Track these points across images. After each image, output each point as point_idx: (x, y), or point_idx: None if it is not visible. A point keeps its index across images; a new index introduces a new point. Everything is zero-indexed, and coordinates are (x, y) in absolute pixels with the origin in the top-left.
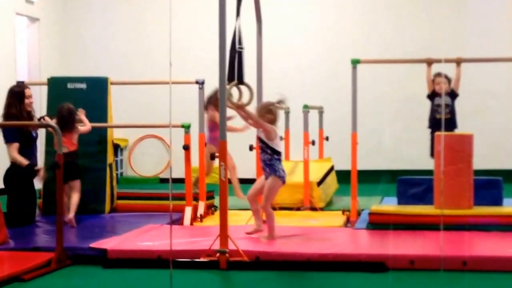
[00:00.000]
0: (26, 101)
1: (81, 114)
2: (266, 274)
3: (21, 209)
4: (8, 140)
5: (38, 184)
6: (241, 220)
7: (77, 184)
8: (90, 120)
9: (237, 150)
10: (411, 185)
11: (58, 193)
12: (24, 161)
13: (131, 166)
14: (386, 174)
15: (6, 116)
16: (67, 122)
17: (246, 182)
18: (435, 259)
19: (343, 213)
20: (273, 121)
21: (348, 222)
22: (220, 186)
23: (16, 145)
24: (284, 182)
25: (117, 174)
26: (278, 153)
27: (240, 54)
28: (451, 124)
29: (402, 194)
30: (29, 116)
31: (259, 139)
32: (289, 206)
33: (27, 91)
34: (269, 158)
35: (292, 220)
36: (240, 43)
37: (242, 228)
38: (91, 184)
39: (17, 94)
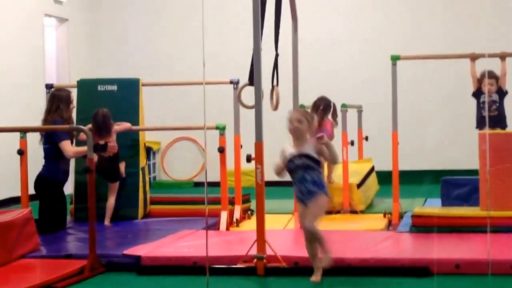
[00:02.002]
0: (72, 105)
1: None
2: (305, 280)
3: (52, 216)
4: (62, 139)
5: (68, 189)
6: (279, 224)
7: (114, 186)
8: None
9: (274, 151)
10: (455, 185)
11: (90, 199)
12: (85, 148)
13: (164, 169)
14: (429, 174)
15: (56, 121)
16: (102, 128)
17: (281, 184)
18: (482, 263)
19: (384, 216)
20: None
21: (390, 225)
22: (257, 189)
23: (69, 142)
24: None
25: (150, 179)
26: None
27: (275, 58)
28: (499, 122)
29: (446, 195)
30: (71, 120)
31: (305, 157)
32: (328, 209)
33: (71, 96)
34: (318, 175)
35: (332, 224)
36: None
37: (280, 232)
38: (124, 189)
39: (65, 98)
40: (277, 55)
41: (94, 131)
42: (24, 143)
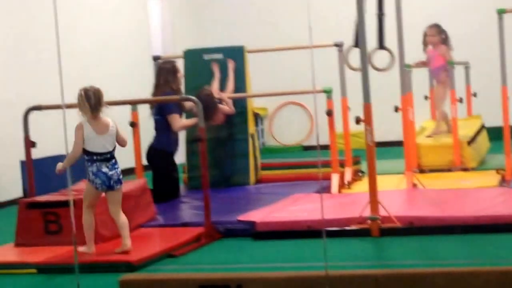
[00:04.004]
0: (178, 75)
1: (224, 97)
2: (420, 240)
3: (165, 185)
4: (171, 111)
5: (180, 159)
6: (390, 185)
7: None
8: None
9: (380, 111)
10: None
11: (203, 167)
12: (193, 120)
13: (273, 135)
14: None
15: (165, 93)
16: (206, 109)
17: (391, 145)
18: None
19: (497, 172)
20: None
21: (503, 181)
22: (367, 150)
23: (178, 116)
24: None
25: (259, 144)
26: None
27: (380, 19)
28: None
29: None
30: (180, 90)
31: None
32: (439, 168)
33: (177, 66)
34: None
35: (444, 182)
36: (380, 8)
37: (392, 193)
38: (234, 156)
39: (171, 70)
40: (382, 15)
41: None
42: (135, 115)
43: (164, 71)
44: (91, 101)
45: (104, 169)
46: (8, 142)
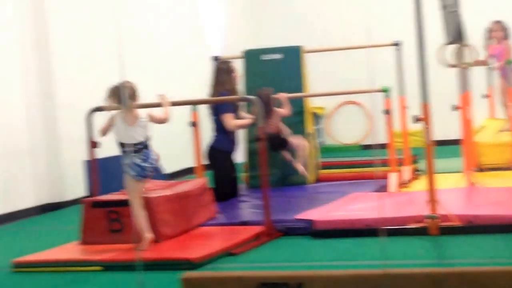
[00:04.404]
0: (233, 75)
1: (283, 97)
2: (479, 238)
3: (224, 184)
4: (225, 111)
5: (240, 158)
6: (448, 183)
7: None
8: (286, 91)
9: (439, 110)
10: None
11: (263, 167)
12: (247, 120)
13: (330, 134)
14: None
15: (221, 93)
16: (265, 108)
17: (449, 143)
18: None
19: None
20: None
21: None
22: (426, 149)
23: (231, 116)
24: None
25: (317, 144)
26: None
27: (455, 14)
28: None
29: None
30: (237, 90)
31: None
32: (499, 166)
33: (232, 66)
34: None
35: (503, 181)
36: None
37: (451, 191)
38: (292, 156)
39: (226, 70)
40: (455, 10)
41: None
42: (195, 115)
43: (220, 71)
44: (122, 95)
45: (137, 161)
46: (71, 142)
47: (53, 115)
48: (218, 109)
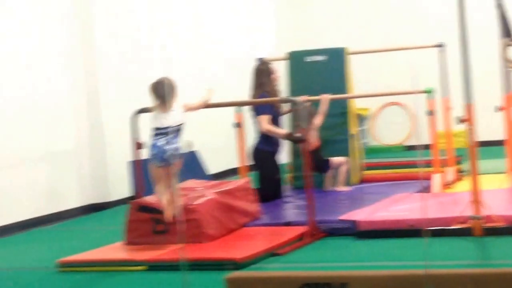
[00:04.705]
0: (273, 76)
1: (325, 98)
2: None
3: (268, 185)
4: (260, 112)
5: (285, 158)
6: (492, 184)
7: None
8: (330, 92)
9: (482, 111)
10: None
11: (306, 168)
12: (281, 132)
13: (374, 135)
14: None
15: (261, 94)
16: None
17: (493, 144)
18: None
19: None
20: None
21: None
22: (469, 150)
23: (266, 117)
24: None
25: (361, 145)
26: None
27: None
28: None
29: None
30: (277, 91)
31: None
32: None
33: (273, 67)
34: None
35: None
36: None
37: (495, 192)
38: (335, 157)
39: (266, 71)
40: (499, 5)
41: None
42: (240, 116)
43: (260, 72)
44: (159, 91)
45: (160, 143)
46: (117, 143)
47: (99, 116)
48: (255, 111)
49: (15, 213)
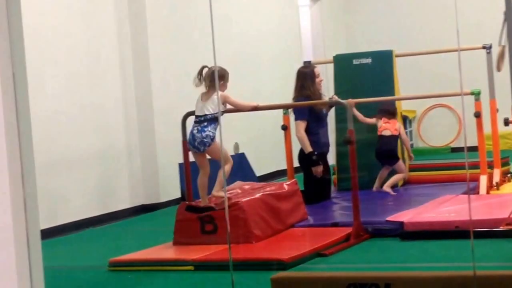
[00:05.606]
0: (317, 80)
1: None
2: None
3: (316, 186)
4: (297, 117)
5: (331, 160)
6: None
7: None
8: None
9: None
10: None
11: (352, 169)
12: (307, 147)
13: (421, 137)
14: None
15: (298, 99)
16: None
17: None
18: None
19: None
20: None
21: None
22: None
23: (303, 123)
24: None
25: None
26: None
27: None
28: None
29: None
30: (320, 94)
31: None
32: None
33: (316, 70)
34: None
35: None
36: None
37: None
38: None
39: (308, 74)
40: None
41: None
42: (287, 119)
43: (301, 75)
44: (203, 77)
45: (194, 131)
46: (167, 145)
47: (150, 118)
48: (294, 115)
49: (68, 213)
